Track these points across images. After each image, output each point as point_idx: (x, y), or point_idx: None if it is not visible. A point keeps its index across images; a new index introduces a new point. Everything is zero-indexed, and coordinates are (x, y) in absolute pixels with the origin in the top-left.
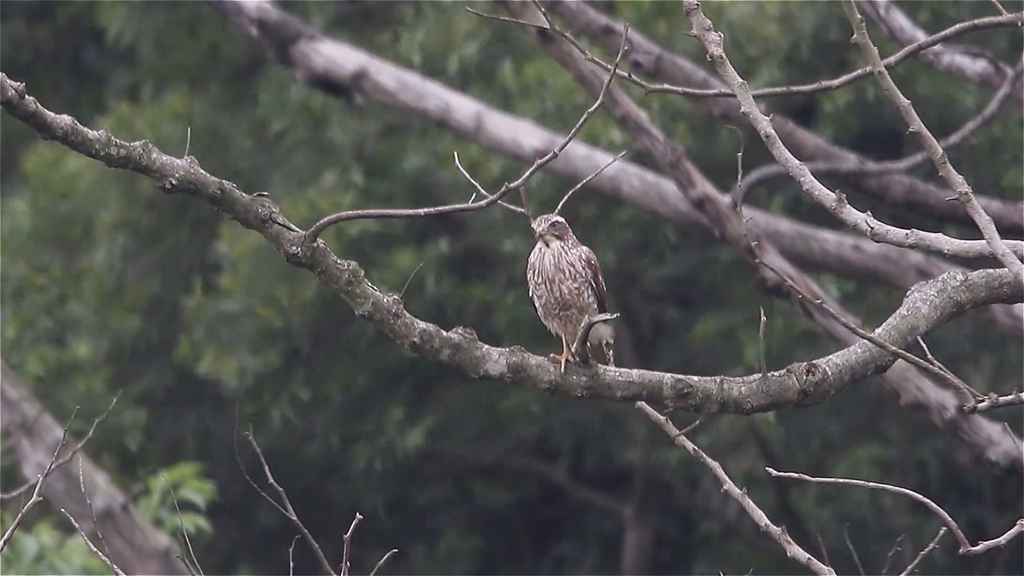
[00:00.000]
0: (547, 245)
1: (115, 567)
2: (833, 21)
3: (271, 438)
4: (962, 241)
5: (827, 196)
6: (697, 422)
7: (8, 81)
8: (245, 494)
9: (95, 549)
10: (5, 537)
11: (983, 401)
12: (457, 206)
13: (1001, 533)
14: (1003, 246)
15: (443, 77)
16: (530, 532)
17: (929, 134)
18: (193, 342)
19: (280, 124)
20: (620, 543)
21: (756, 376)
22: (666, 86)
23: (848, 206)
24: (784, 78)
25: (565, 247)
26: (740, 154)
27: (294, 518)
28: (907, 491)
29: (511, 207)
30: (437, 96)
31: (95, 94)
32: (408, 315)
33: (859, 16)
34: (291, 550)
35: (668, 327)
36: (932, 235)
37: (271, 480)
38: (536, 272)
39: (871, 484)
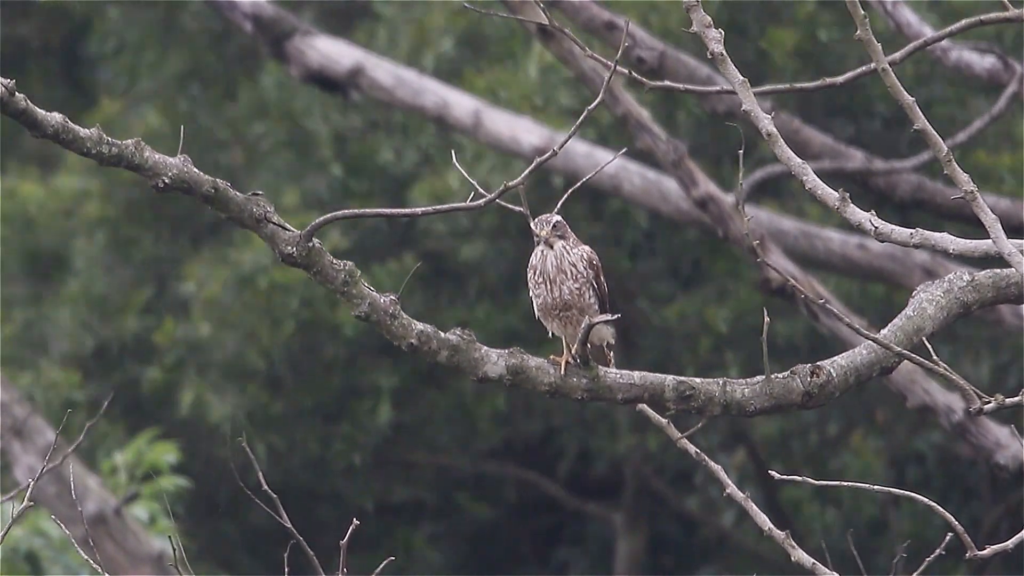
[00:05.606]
0: (551, 248)
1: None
2: None
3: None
4: (968, 240)
5: (830, 195)
6: (700, 424)
7: None
8: (237, 497)
9: (86, 556)
10: None
11: (989, 403)
12: (456, 205)
13: (997, 524)
14: (1009, 245)
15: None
16: (520, 543)
17: (934, 132)
18: (166, 369)
19: (261, 127)
20: (612, 550)
21: (759, 378)
22: (667, 83)
23: (852, 205)
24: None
25: (567, 248)
26: (741, 152)
27: (288, 524)
28: (912, 494)
29: (509, 206)
30: (435, 92)
31: (87, 88)
32: (405, 316)
33: (862, 12)
34: (286, 555)
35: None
36: (937, 234)
37: (265, 486)
38: (537, 272)
39: (875, 488)
